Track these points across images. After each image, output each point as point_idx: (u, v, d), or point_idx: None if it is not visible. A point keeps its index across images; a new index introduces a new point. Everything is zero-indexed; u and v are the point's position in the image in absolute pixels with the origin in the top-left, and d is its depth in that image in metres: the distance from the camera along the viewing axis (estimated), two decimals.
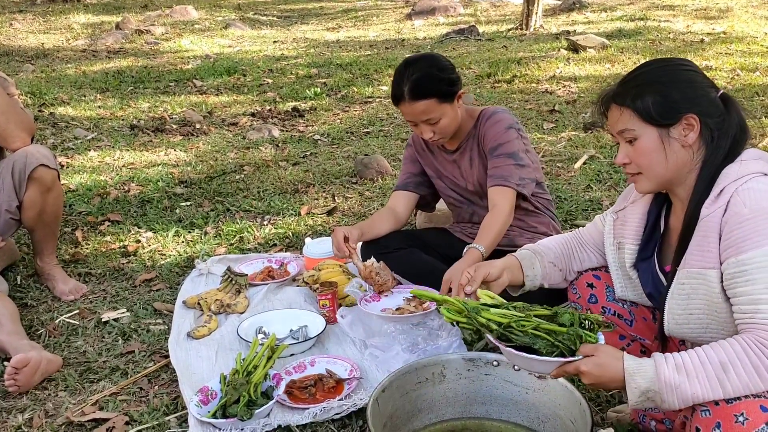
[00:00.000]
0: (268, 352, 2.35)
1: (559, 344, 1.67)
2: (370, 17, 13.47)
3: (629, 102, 1.68)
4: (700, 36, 9.04)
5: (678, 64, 1.74)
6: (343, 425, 2.22)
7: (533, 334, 1.70)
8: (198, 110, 6.53)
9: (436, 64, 2.64)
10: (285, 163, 4.93)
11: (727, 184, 1.61)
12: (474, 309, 1.79)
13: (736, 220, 1.56)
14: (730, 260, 1.55)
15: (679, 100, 1.65)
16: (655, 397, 1.53)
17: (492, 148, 2.71)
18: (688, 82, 1.68)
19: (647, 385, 1.52)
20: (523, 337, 1.70)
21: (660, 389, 1.51)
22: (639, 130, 1.68)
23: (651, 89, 1.67)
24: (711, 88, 1.70)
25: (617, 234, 1.93)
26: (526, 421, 2.07)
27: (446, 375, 2.11)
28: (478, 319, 1.76)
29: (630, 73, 1.77)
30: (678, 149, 1.67)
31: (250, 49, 9.93)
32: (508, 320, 1.73)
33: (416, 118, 2.64)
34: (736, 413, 1.45)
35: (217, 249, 3.59)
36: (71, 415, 2.30)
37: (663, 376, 1.51)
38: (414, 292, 2.08)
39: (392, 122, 5.94)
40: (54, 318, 2.95)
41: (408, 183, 2.98)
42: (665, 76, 1.69)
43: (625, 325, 1.95)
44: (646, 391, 1.53)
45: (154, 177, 4.64)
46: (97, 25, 12.13)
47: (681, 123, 1.66)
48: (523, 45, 9.17)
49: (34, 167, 2.92)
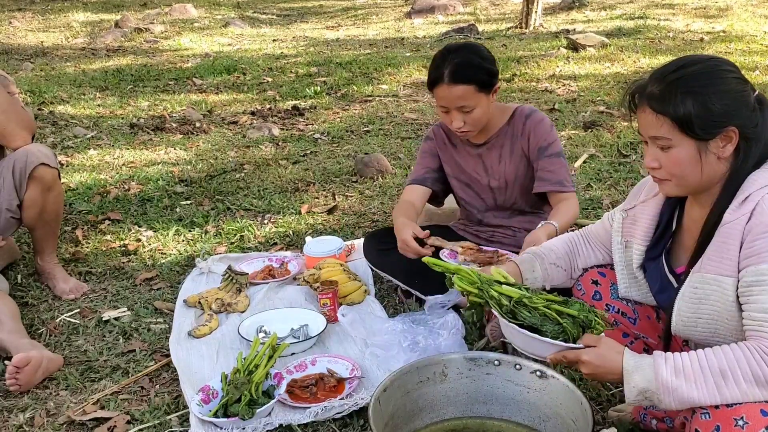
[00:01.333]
0: (269, 351, 2.35)
1: (566, 328, 1.67)
2: (369, 16, 13.46)
3: (670, 110, 1.59)
4: (700, 35, 9.04)
5: (721, 69, 1.64)
6: (345, 424, 2.22)
7: (543, 313, 1.69)
8: (198, 109, 6.52)
9: (479, 53, 2.63)
10: (285, 162, 4.92)
11: (753, 192, 1.58)
12: (487, 281, 1.78)
13: (760, 229, 1.53)
14: (750, 269, 1.53)
15: (722, 114, 1.58)
16: (653, 397, 1.53)
17: (542, 147, 2.70)
18: (731, 92, 1.60)
19: (645, 384, 1.52)
20: (532, 317, 1.69)
21: (657, 390, 1.51)
22: (675, 140, 1.61)
23: (693, 99, 1.58)
24: (750, 92, 1.63)
25: (626, 233, 1.91)
26: (528, 421, 2.07)
27: (448, 374, 2.11)
28: (490, 291, 1.75)
29: (665, 69, 1.67)
30: (714, 161, 1.62)
31: (250, 48, 9.92)
32: (520, 296, 1.72)
33: (451, 103, 2.60)
34: (735, 417, 1.45)
35: (218, 248, 3.59)
36: (72, 414, 2.30)
37: (661, 378, 1.51)
38: (427, 260, 2.01)
39: (392, 121, 5.94)
40: (55, 317, 2.95)
41: (426, 178, 2.93)
42: (709, 85, 1.59)
43: (629, 323, 1.95)
44: (643, 391, 1.53)
45: (154, 175, 4.64)
46: (96, 23, 12.11)
47: (720, 136, 1.60)
48: (523, 43, 9.17)
49: (35, 166, 2.91)
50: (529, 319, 1.70)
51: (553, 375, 2.00)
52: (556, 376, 1.99)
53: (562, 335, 1.68)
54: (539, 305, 1.71)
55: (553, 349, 1.67)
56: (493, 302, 1.76)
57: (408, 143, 5.25)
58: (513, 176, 2.78)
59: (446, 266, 1.90)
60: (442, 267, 1.92)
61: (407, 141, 5.33)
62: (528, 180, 2.79)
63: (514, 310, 1.73)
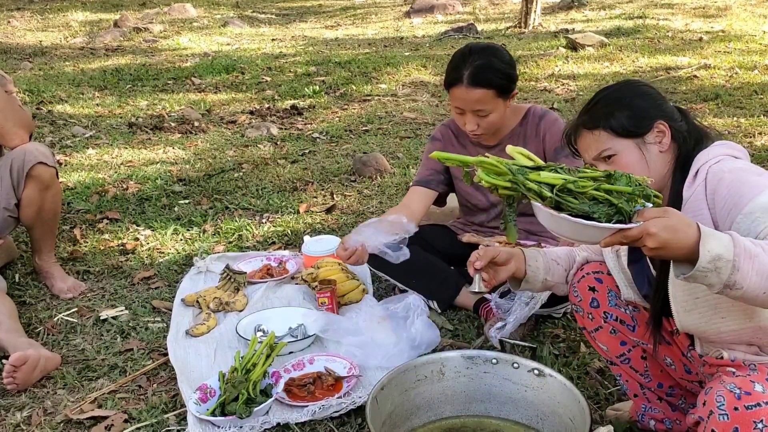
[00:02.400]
0: (266, 350, 2.35)
1: (621, 208, 1.49)
2: (368, 15, 13.46)
3: (602, 123, 1.74)
4: (699, 34, 9.04)
5: (635, 82, 1.85)
6: (342, 423, 2.22)
7: (592, 196, 1.50)
8: (196, 108, 6.52)
9: (501, 57, 2.59)
10: (284, 161, 4.92)
11: (700, 165, 1.67)
12: (519, 170, 1.54)
13: (723, 185, 1.60)
14: (737, 218, 1.54)
15: (646, 110, 1.75)
16: (725, 267, 1.41)
17: (559, 148, 2.66)
18: (648, 95, 1.79)
19: (721, 251, 1.41)
20: (580, 204, 1.50)
21: (737, 255, 1.41)
22: (616, 147, 1.74)
23: (619, 106, 1.75)
24: (665, 99, 1.82)
25: None
26: (525, 419, 2.07)
27: (445, 373, 2.11)
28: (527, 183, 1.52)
29: (588, 103, 1.83)
30: (656, 155, 1.74)
31: (249, 47, 9.91)
32: (564, 181, 1.51)
33: (468, 106, 2.57)
34: (755, 420, 1.42)
35: (216, 247, 3.59)
36: (70, 412, 2.30)
37: (742, 243, 1.42)
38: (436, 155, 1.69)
39: (391, 120, 5.94)
40: (52, 316, 2.95)
41: (431, 180, 2.88)
42: (626, 93, 1.78)
43: (628, 331, 1.94)
44: (717, 258, 1.41)
45: (152, 175, 4.63)
46: (95, 22, 12.11)
47: (653, 130, 1.73)
48: (522, 43, 9.17)
49: (33, 165, 2.91)
50: (578, 206, 1.50)
51: (551, 374, 2.00)
52: (554, 375, 1.99)
53: (616, 216, 1.50)
54: (588, 188, 1.50)
55: (608, 233, 1.50)
56: (532, 194, 1.53)
57: (407, 143, 5.25)
58: None
59: (463, 159, 1.64)
60: (458, 160, 1.65)
61: (406, 140, 5.32)
62: None
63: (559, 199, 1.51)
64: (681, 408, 2.01)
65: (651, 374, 1.99)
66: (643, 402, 2.04)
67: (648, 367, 1.98)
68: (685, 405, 2.01)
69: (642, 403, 2.05)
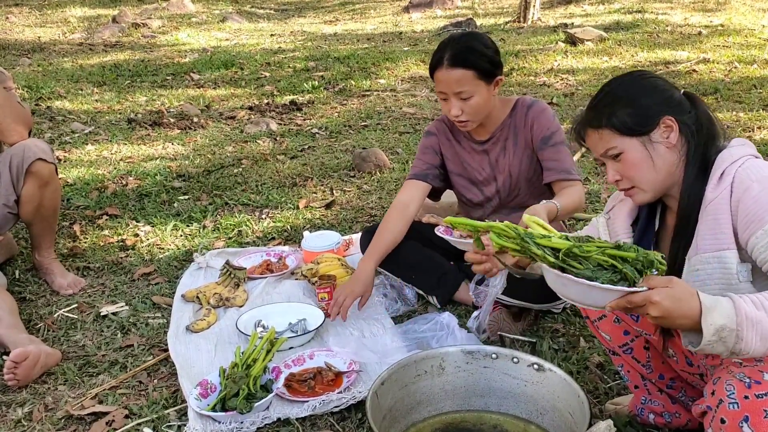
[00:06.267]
0: (267, 346, 2.36)
1: (626, 274, 1.52)
2: (367, 10, 13.44)
3: (605, 122, 1.72)
4: (698, 28, 9.03)
5: (637, 76, 1.80)
6: (342, 418, 2.22)
7: (597, 261, 1.53)
8: (195, 104, 6.51)
9: (481, 40, 2.62)
10: (283, 157, 4.92)
11: (727, 167, 1.64)
12: (527, 235, 1.61)
13: (749, 195, 1.57)
14: (758, 233, 1.55)
15: (651, 106, 1.71)
16: (730, 336, 1.44)
17: (546, 137, 2.67)
18: (652, 88, 1.74)
19: (724, 321, 1.44)
20: (584, 268, 1.54)
21: (740, 324, 1.43)
22: (621, 145, 1.72)
23: (621, 103, 1.72)
24: (673, 89, 1.77)
25: (612, 233, 1.93)
26: (525, 414, 2.08)
27: (445, 368, 2.12)
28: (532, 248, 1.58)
29: (594, 98, 1.81)
30: (663, 152, 1.71)
31: (248, 43, 9.90)
32: (569, 246, 1.55)
33: (449, 88, 2.58)
34: (766, 408, 1.43)
35: (216, 242, 3.59)
36: (71, 408, 2.30)
37: (743, 311, 1.43)
38: (449, 220, 1.81)
39: (390, 116, 5.93)
40: (53, 312, 2.95)
41: (427, 174, 2.87)
42: (630, 89, 1.75)
43: (631, 321, 1.95)
44: (721, 328, 1.44)
45: (151, 171, 4.63)
46: (93, 18, 12.09)
47: (659, 127, 1.70)
48: (521, 38, 9.16)
49: (32, 161, 2.91)
50: (582, 272, 1.53)
51: (551, 368, 2.00)
52: (554, 370, 2.00)
53: (620, 283, 1.52)
54: (592, 253, 1.54)
55: (614, 296, 1.51)
56: (539, 257, 1.59)
57: (406, 138, 5.25)
58: (518, 169, 2.76)
59: (474, 224, 1.71)
60: (470, 225, 1.72)
61: (405, 136, 5.32)
62: (533, 172, 2.76)
63: (563, 264, 1.56)
64: (681, 401, 2.02)
65: (653, 365, 1.99)
66: (643, 394, 2.05)
67: (650, 357, 1.98)
68: (685, 398, 2.01)
69: (642, 395, 2.05)
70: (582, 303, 1.62)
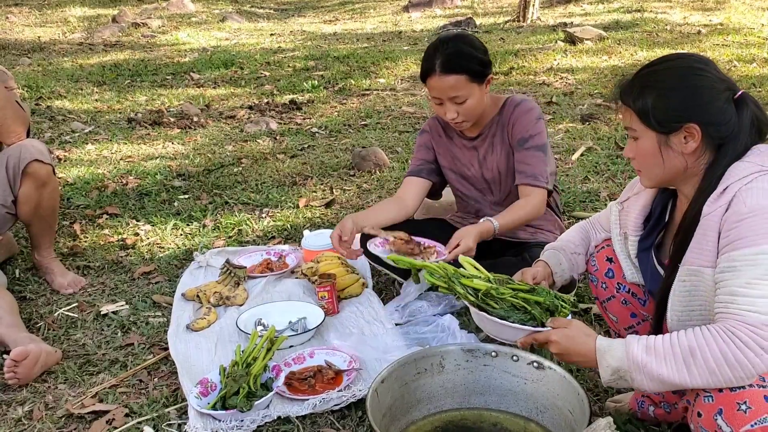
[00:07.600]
0: (267, 344, 2.36)
1: (535, 315, 1.79)
2: (366, 9, 13.44)
3: (631, 102, 1.69)
4: (697, 27, 9.03)
5: (689, 66, 1.67)
6: (343, 416, 2.23)
7: (511, 303, 1.80)
8: (195, 103, 6.52)
9: (470, 43, 2.63)
10: (283, 156, 4.92)
11: (732, 183, 1.58)
12: (454, 275, 1.87)
13: (735, 218, 1.54)
14: (723, 256, 1.55)
15: (680, 109, 1.62)
16: (626, 376, 1.58)
17: (523, 138, 2.68)
18: (693, 88, 1.63)
19: (617, 364, 1.58)
20: (499, 308, 1.80)
21: (629, 368, 1.56)
22: (639, 132, 1.69)
23: (652, 93, 1.64)
24: (723, 91, 1.64)
25: (622, 224, 1.95)
26: (525, 411, 2.08)
27: (445, 366, 2.12)
28: (457, 286, 1.84)
29: (642, 68, 1.73)
30: (675, 156, 1.67)
31: (247, 42, 9.90)
32: (488, 288, 1.81)
33: (443, 93, 2.59)
34: (739, 401, 1.46)
35: (216, 241, 3.60)
36: (71, 407, 2.31)
37: (631, 356, 1.55)
38: (391, 257, 2.20)
39: (390, 114, 5.94)
40: (53, 311, 2.95)
41: (421, 170, 2.91)
42: (670, 80, 1.65)
43: (639, 305, 1.97)
44: (617, 370, 1.58)
45: (152, 170, 4.64)
46: (93, 18, 12.09)
47: (681, 132, 1.63)
48: (521, 37, 9.16)
49: (28, 162, 2.91)
50: (497, 311, 1.80)
51: (551, 366, 2.00)
52: (553, 367, 2.00)
53: (530, 322, 1.79)
54: (506, 295, 1.80)
55: (523, 334, 1.78)
56: (462, 296, 1.85)
57: (405, 137, 5.25)
58: (504, 166, 2.78)
59: (412, 263, 2.00)
60: (408, 264, 2.00)
61: (405, 135, 5.33)
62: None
63: (481, 303, 1.82)
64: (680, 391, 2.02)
65: None
66: None
67: None
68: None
69: None
70: (497, 337, 1.89)
